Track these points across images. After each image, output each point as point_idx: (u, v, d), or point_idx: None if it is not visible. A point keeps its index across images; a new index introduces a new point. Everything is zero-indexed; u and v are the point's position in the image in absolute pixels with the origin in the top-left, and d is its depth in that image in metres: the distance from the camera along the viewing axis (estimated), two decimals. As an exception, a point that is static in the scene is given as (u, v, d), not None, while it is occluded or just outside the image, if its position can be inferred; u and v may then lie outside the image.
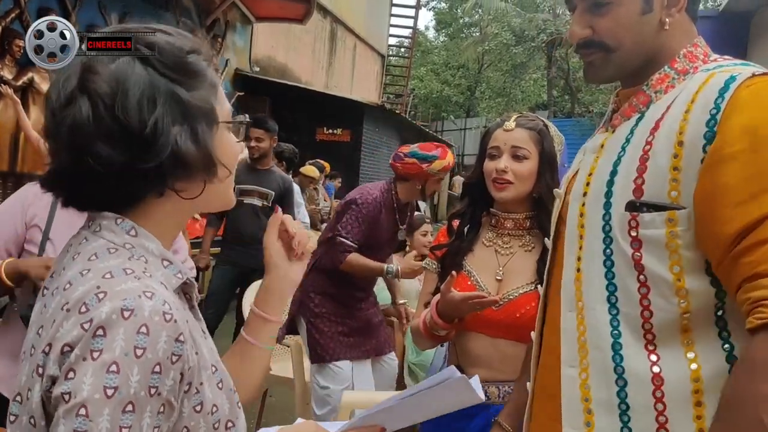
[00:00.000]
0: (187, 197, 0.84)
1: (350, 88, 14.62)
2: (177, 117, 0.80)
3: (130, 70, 0.79)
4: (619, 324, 0.98)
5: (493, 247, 1.72)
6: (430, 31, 33.55)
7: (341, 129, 11.05)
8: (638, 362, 0.95)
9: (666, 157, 0.94)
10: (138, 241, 0.83)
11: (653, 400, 0.94)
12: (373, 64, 16.60)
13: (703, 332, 0.93)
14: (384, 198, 3.03)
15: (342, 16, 13.62)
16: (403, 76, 18.82)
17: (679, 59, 1.04)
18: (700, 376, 0.92)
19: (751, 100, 0.88)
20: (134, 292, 0.74)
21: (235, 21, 9.37)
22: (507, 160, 1.65)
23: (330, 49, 13.44)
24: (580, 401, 1.01)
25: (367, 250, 2.99)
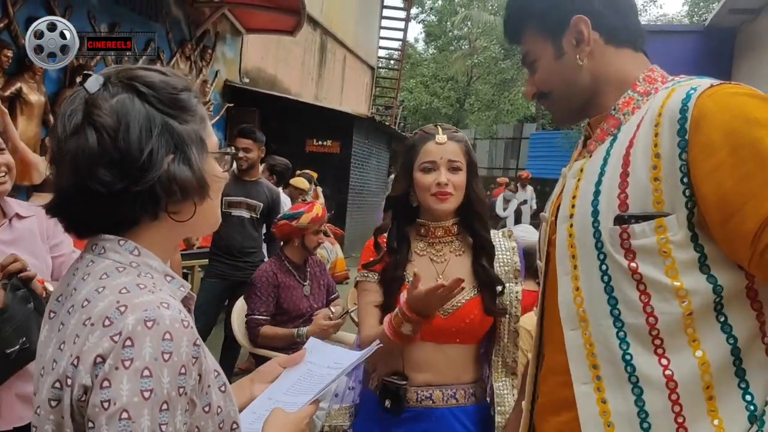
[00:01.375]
0: (179, 219, 0.93)
1: (340, 99, 14.66)
2: (170, 146, 0.90)
3: (130, 105, 0.89)
4: (626, 335, 1.02)
5: (426, 256, 1.77)
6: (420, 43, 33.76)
7: (331, 141, 11.07)
8: (650, 369, 0.99)
9: (645, 170, 1.00)
10: (142, 259, 0.91)
11: (670, 404, 0.98)
12: (363, 75, 16.66)
13: (706, 329, 0.97)
14: (276, 267, 3.37)
15: (332, 28, 13.68)
16: (393, 88, 18.91)
17: (640, 83, 1.13)
18: (709, 371, 0.96)
19: (716, 108, 0.94)
20: (153, 304, 0.82)
21: (225, 32, 9.38)
22: (446, 174, 1.71)
23: (320, 61, 13.49)
24: (599, 416, 1.03)
25: (289, 319, 3.31)
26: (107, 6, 6.59)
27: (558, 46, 1.17)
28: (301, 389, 1.13)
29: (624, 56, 1.16)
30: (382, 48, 18.85)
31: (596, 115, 1.18)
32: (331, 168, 10.62)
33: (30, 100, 5.52)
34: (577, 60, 1.15)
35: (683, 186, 0.96)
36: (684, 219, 0.96)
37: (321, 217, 3.33)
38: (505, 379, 1.73)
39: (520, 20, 1.23)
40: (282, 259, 3.43)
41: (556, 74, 1.18)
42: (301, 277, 3.43)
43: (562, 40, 1.16)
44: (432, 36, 31.68)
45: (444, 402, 1.69)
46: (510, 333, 1.73)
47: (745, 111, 0.92)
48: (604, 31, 1.14)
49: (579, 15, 1.13)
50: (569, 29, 1.15)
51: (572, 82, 1.17)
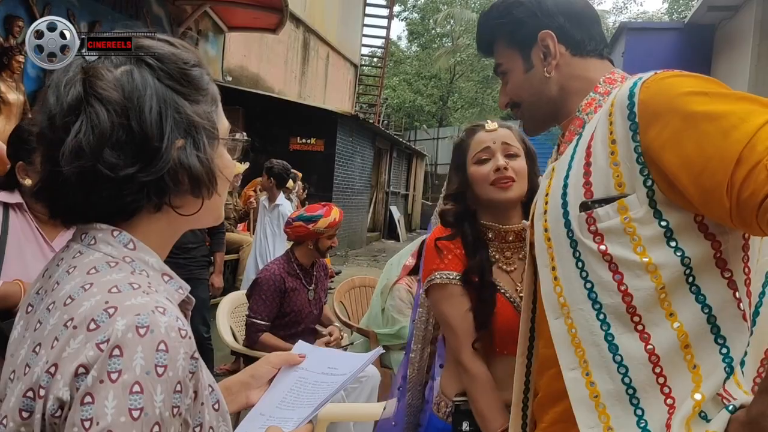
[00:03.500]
0: (183, 213, 0.82)
1: (323, 97, 14.64)
2: (180, 129, 0.79)
3: (139, 79, 0.78)
4: (606, 317, 1.05)
5: (496, 264, 1.59)
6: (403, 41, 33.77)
7: (315, 139, 11.04)
8: (632, 346, 1.03)
9: (604, 157, 1.05)
10: (137, 254, 0.80)
11: (654, 376, 1.02)
12: (346, 73, 16.64)
13: (681, 301, 1.01)
14: (284, 268, 3.27)
15: (315, 26, 13.64)
16: (376, 86, 18.90)
17: (601, 84, 1.20)
18: (688, 340, 1.01)
19: (657, 90, 1.00)
20: (147, 308, 0.71)
21: (207, 30, 9.32)
22: (503, 159, 1.57)
23: (303, 59, 13.45)
24: (590, 399, 1.07)
25: (290, 321, 3.24)
26: (87, 4, 6.52)
27: (527, 60, 1.25)
28: (297, 401, 1.03)
29: (589, 64, 1.23)
30: (365, 46, 18.85)
31: (565, 120, 1.25)
32: (315, 166, 10.61)
33: (8, 99, 5.44)
34: (545, 73, 1.22)
35: (639, 165, 1.01)
36: (644, 197, 1.01)
37: (337, 222, 3.26)
38: None
39: (491, 34, 1.31)
40: (291, 260, 3.34)
41: (526, 86, 1.26)
42: (307, 281, 3.35)
43: (531, 54, 1.24)
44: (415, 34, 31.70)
45: None
46: None
47: (680, 88, 0.99)
48: (570, 43, 1.22)
49: (545, 30, 1.21)
50: (537, 44, 1.22)
51: (540, 93, 1.24)
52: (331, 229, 3.24)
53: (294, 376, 1.10)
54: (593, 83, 1.21)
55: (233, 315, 3.68)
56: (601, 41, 1.24)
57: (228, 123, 0.90)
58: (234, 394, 1.06)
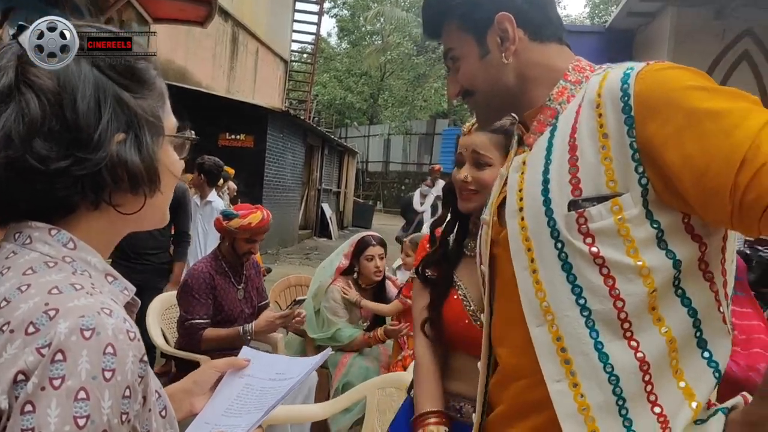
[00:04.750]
0: (124, 212, 0.79)
1: (253, 93, 14.37)
2: (121, 123, 0.76)
3: (75, 68, 0.74)
4: (594, 324, 0.99)
5: (474, 258, 1.57)
6: (333, 37, 33.63)
7: (245, 135, 10.83)
8: (623, 354, 0.98)
9: (594, 152, 0.99)
10: (78, 254, 0.76)
11: (644, 384, 0.98)
12: (276, 69, 16.40)
13: (668, 305, 0.98)
14: (212, 266, 3.19)
15: (244, 20, 13.37)
16: (306, 82, 18.74)
17: (570, 72, 1.12)
18: (675, 346, 0.98)
19: (655, 83, 0.95)
20: (91, 309, 0.67)
21: (131, 21, 8.96)
22: (468, 169, 1.52)
23: (232, 54, 13.15)
24: (579, 413, 1.00)
25: (222, 321, 3.14)
26: (0, -11, 6.14)
27: (482, 45, 1.14)
28: (244, 407, 1.00)
29: (550, 50, 1.15)
30: (295, 41, 18.64)
31: (527, 112, 1.16)
32: (245, 163, 10.39)
33: None
34: (502, 58, 1.12)
35: (635, 163, 0.96)
36: (638, 196, 0.96)
37: (254, 227, 3.13)
38: None
39: (441, 16, 1.18)
40: (218, 257, 3.25)
41: (481, 73, 1.15)
42: (236, 279, 3.26)
43: (486, 38, 1.13)
44: (345, 31, 31.63)
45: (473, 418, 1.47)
46: None
47: (679, 81, 0.95)
48: (528, 27, 1.13)
49: (503, 12, 1.11)
50: (493, 27, 1.12)
51: (497, 81, 1.14)
52: (245, 232, 3.12)
53: (240, 383, 1.05)
54: (559, 70, 1.13)
55: (164, 317, 3.54)
56: (559, 25, 1.16)
57: (176, 120, 0.87)
58: (177, 401, 1.01)
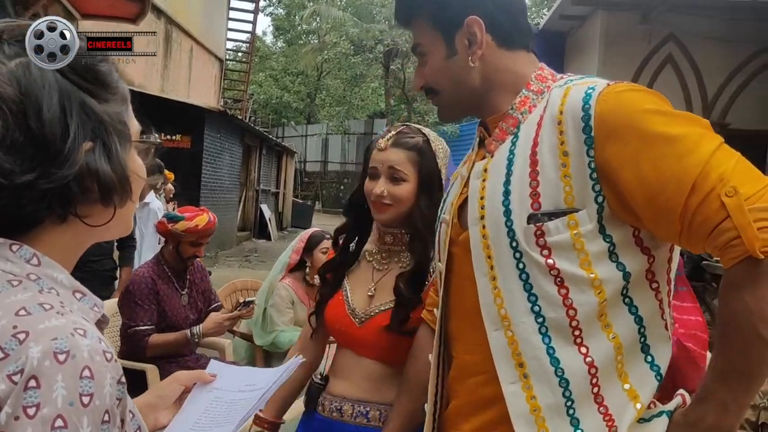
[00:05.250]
0: (92, 224, 0.75)
1: (188, 92, 14.03)
2: (88, 132, 0.71)
3: (36, 72, 0.69)
4: (547, 330, 1.05)
5: (372, 263, 1.67)
6: (268, 36, 33.26)
7: (180, 135, 10.58)
8: (573, 360, 1.04)
9: (554, 168, 1.03)
10: (43, 271, 0.71)
11: (591, 386, 1.04)
12: (211, 68, 16.07)
13: (617, 313, 1.04)
14: (153, 271, 3.10)
15: (177, 17, 13.03)
16: (242, 81, 18.45)
17: (533, 81, 1.15)
18: (622, 351, 1.04)
19: (615, 105, 1.00)
20: (64, 330, 0.64)
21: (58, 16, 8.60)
22: (384, 183, 1.57)
23: (165, 52, 12.80)
24: (530, 413, 1.05)
25: (169, 327, 3.05)
26: None
27: (450, 45, 1.15)
28: (214, 420, 0.97)
29: (516, 58, 1.16)
30: (230, 40, 18.31)
31: (490, 116, 1.18)
32: (181, 164, 10.13)
33: None
34: (469, 62, 1.14)
35: (592, 181, 1.00)
36: (594, 212, 1.01)
37: (200, 230, 3.04)
38: None
39: (412, 10, 1.20)
40: (161, 262, 3.14)
41: (446, 73, 1.17)
42: (180, 285, 3.15)
43: (455, 39, 1.14)
44: (281, 30, 31.32)
45: (352, 419, 1.56)
46: None
47: (639, 104, 1.00)
48: (497, 34, 1.14)
49: (473, 16, 1.12)
50: (462, 29, 1.13)
51: (461, 83, 1.16)
52: (191, 235, 3.04)
53: (208, 397, 1.02)
54: (523, 79, 1.15)
55: (106, 325, 3.42)
56: (527, 33, 1.18)
57: (138, 124, 0.83)
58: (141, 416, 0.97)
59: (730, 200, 0.89)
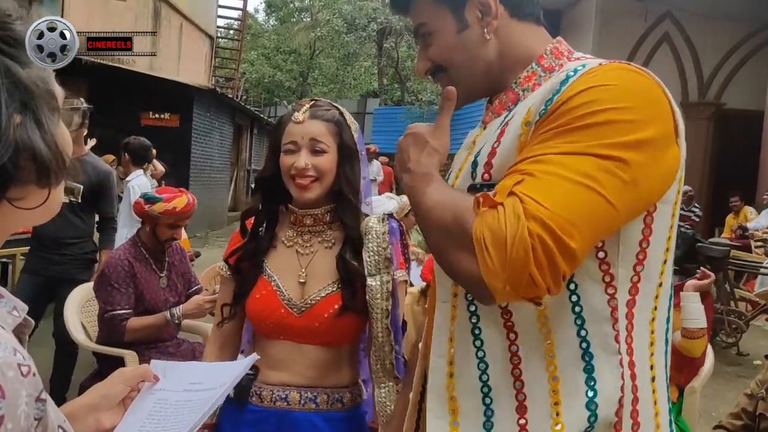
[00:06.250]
0: (25, 207, 0.65)
1: (177, 70, 13.81)
2: (17, 103, 0.62)
3: None
4: (476, 308, 1.02)
5: (293, 247, 1.61)
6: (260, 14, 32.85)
7: (169, 114, 10.44)
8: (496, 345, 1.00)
9: (513, 138, 0.98)
10: None
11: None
12: (202, 45, 15.83)
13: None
14: (130, 253, 3.01)
15: (166, -7, 12.80)
16: (234, 59, 18.21)
17: (546, 56, 1.06)
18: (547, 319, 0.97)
19: (584, 79, 0.93)
20: None
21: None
22: (306, 156, 1.53)
23: (154, 29, 12.57)
24: (445, 390, 1.04)
25: (147, 311, 2.97)
26: None
27: (460, 18, 1.06)
28: (159, 426, 0.88)
29: (528, 30, 1.09)
30: (221, 17, 18.05)
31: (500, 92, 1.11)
32: (170, 143, 9.98)
33: None
34: (484, 34, 1.06)
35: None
36: None
37: (178, 212, 2.95)
38: (389, 384, 1.54)
39: None
40: (137, 244, 3.04)
41: (459, 48, 1.08)
42: (158, 267, 3.06)
43: (465, 11, 1.06)
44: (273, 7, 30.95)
45: (301, 405, 1.54)
46: (384, 330, 1.53)
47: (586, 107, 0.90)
48: (508, 3, 1.06)
49: None
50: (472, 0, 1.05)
51: (476, 58, 1.08)
52: (169, 217, 2.94)
53: (151, 400, 0.93)
54: (535, 53, 1.06)
55: (84, 310, 3.32)
56: (537, 4, 1.10)
57: (61, 89, 0.73)
58: (81, 419, 0.87)
59: None
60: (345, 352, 1.59)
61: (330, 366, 1.56)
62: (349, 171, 1.58)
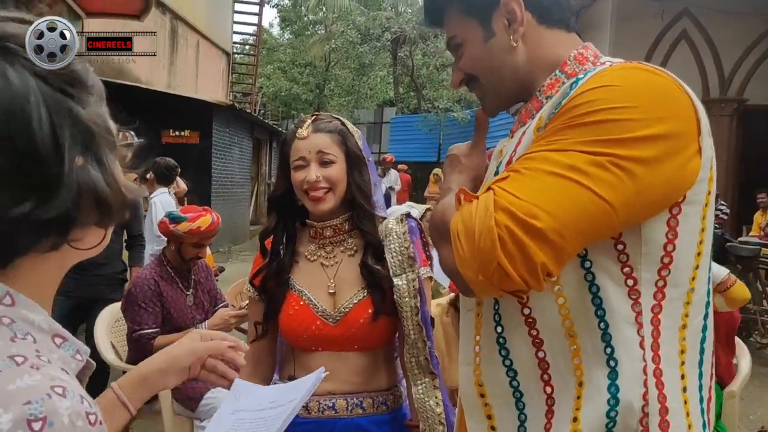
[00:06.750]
0: (83, 247, 0.65)
1: (195, 87, 13.97)
2: (79, 145, 0.62)
3: (19, 82, 0.59)
4: (501, 318, 1.02)
5: (317, 261, 1.64)
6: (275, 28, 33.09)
7: (189, 130, 10.54)
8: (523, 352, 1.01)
9: (526, 146, 0.98)
10: (17, 312, 0.61)
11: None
12: (218, 62, 15.99)
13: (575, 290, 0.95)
14: (156, 272, 3.03)
15: (182, 12, 12.95)
16: (250, 74, 18.36)
17: (570, 62, 1.06)
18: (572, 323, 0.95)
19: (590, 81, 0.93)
20: (39, 391, 0.53)
21: (62, 16, 8.53)
22: (316, 169, 1.57)
23: (171, 48, 12.73)
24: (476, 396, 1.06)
25: (174, 329, 2.99)
26: None
27: (487, 27, 1.08)
28: None
29: (556, 36, 1.08)
30: (236, 33, 18.24)
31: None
32: (191, 159, 10.07)
33: None
34: (511, 42, 1.06)
35: None
36: None
37: (203, 231, 2.96)
38: (425, 380, 1.58)
39: (442, 2, 1.13)
40: (163, 263, 3.06)
41: (487, 57, 1.09)
42: (184, 285, 3.09)
43: (492, 20, 1.07)
44: (287, 21, 31.15)
45: (349, 411, 1.58)
46: (415, 327, 1.57)
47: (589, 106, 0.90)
48: (535, 9, 1.06)
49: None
50: (499, 8, 1.06)
51: (504, 66, 1.09)
52: (194, 237, 2.96)
53: (230, 419, 1.02)
54: (560, 59, 1.06)
55: (114, 329, 3.35)
56: (568, 9, 1.09)
57: (113, 123, 0.72)
58: (151, 383, 0.93)
59: None
60: (381, 355, 1.63)
61: (371, 370, 1.60)
62: (359, 178, 1.61)
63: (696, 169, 0.93)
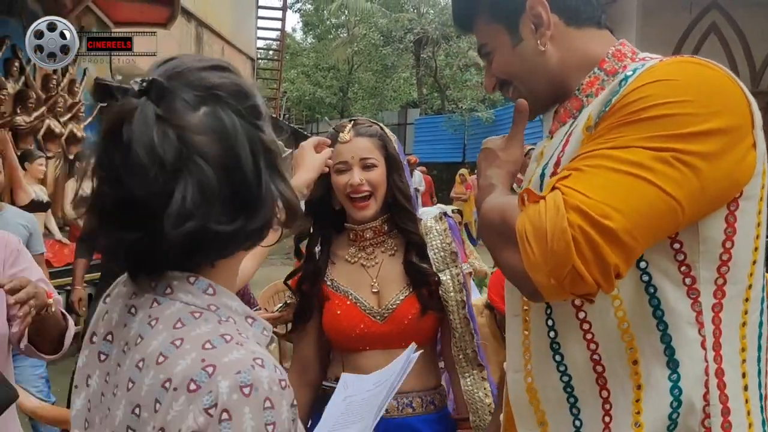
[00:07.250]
0: (266, 245, 0.80)
1: (221, 93, 14.14)
2: (268, 165, 0.76)
3: (228, 121, 0.73)
4: (554, 324, 1.01)
5: (358, 262, 1.67)
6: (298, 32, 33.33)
7: (216, 136, 10.64)
8: (578, 356, 0.99)
9: (575, 145, 0.97)
10: (219, 300, 0.75)
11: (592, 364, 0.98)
12: (243, 67, 16.17)
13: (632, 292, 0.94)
14: None
15: (207, 19, 13.13)
16: (275, 79, 18.51)
17: (608, 59, 1.05)
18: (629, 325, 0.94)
19: (642, 76, 0.92)
20: (245, 363, 0.68)
21: (91, 27, 8.69)
22: (359, 173, 1.61)
23: (196, 53, 12.92)
24: (529, 403, 1.04)
25: None
26: (-50, 0, 5.90)
27: (514, 33, 1.08)
28: (350, 418, 1.11)
29: (587, 35, 1.08)
30: (260, 38, 18.39)
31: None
32: (218, 165, 10.22)
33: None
34: (538, 46, 1.06)
35: None
36: None
37: None
38: (473, 372, 1.62)
39: (471, 9, 1.14)
40: None
41: (516, 62, 1.10)
42: None
43: (519, 26, 1.08)
44: (310, 25, 31.37)
45: (399, 411, 1.59)
46: (462, 320, 1.62)
47: (643, 102, 0.89)
48: (563, 11, 1.06)
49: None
50: (525, 13, 1.06)
51: (535, 69, 1.09)
52: None
53: (341, 406, 1.19)
54: (596, 57, 1.05)
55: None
56: (597, 6, 1.08)
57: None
58: None
59: None
60: (427, 353, 1.64)
61: (418, 369, 1.59)
62: (399, 180, 1.65)
63: (752, 163, 0.91)
